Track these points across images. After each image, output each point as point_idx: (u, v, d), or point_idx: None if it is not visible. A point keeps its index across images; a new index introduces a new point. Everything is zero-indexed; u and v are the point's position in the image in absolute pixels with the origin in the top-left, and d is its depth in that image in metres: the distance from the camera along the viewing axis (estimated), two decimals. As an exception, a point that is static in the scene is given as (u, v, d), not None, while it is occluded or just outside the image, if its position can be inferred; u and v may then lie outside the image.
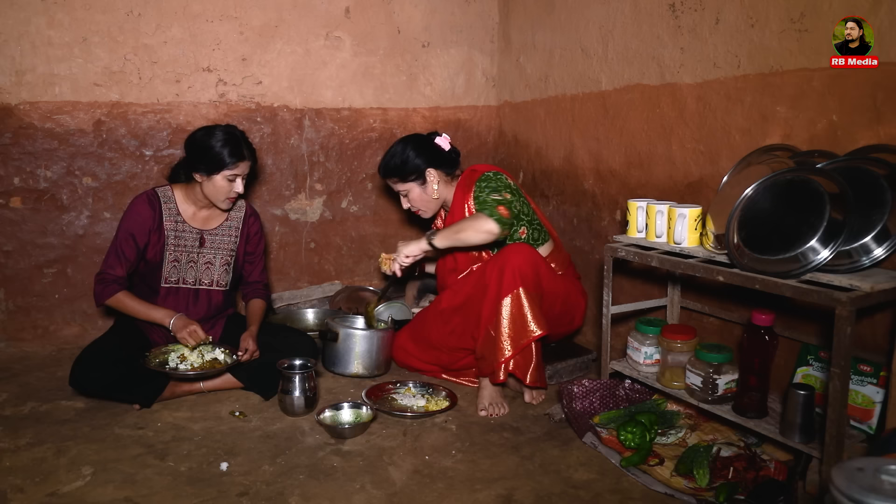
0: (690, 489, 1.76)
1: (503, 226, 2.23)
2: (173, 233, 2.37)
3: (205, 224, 2.44)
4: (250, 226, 2.53)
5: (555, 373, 2.54)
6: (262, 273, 2.59)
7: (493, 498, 1.73)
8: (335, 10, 3.14)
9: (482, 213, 2.24)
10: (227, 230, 2.47)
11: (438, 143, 2.53)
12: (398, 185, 2.53)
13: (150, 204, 2.35)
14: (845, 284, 1.56)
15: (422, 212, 2.58)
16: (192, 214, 2.42)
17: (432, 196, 2.52)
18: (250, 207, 2.56)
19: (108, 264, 2.30)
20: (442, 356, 2.52)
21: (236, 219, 2.50)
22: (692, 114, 2.27)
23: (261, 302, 2.53)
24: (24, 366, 2.66)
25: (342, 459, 1.92)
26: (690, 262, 1.89)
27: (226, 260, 2.46)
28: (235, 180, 2.32)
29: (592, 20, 2.72)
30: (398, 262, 2.38)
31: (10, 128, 2.73)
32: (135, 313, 2.30)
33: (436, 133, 2.57)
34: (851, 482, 0.97)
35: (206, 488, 1.75)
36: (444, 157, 2.52)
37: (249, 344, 2.33)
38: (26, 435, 2.05)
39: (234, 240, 2.48)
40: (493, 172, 2.43)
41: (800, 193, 1.68)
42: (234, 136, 2.30)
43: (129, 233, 2.30)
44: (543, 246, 2.46)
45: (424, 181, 2.50)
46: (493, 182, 2.38)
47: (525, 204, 2.44)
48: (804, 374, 1.92)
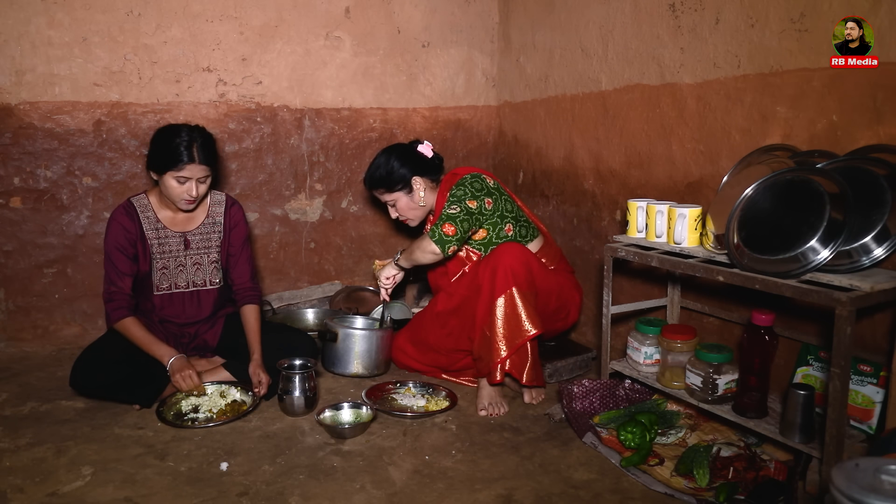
0: (690, 489, 1.76)
1: (445, 245, 2.27)
2: (156, 241, 2.34)
3: (186, 226, 2.40)
4: (232, 216, 2.45)
5: (554, 371, 2.54)
6: (246, 271, 2.47)
7: (493, 498, 1.73)
8: (335, 10, 3.14)
9: (426, 235, 2.31)
10: (209, 227, 2.42)
11: (421, 150, 2.55)
12: (385, 195, 2.55)
13: (129, 215, 2.31)
14: (845, 284, 1.56)
15: (409, 220, 2.60)
16: (171, 218, 2.37)
17: (419, 204, 2.54)
18: (230, 199, 2.48)
19: (109, 281, 2.29)
20: (440, 358, 2.53)
21: (217, 213, 2.44)
22: (692, 114, 2.27)
23: (253, 309, 2.42)
24: (24, 366, 2.66)
25: (342, 459, 1.92)
26: (690, 262, 1.89)
27: (213, 258, 2.43)
28: (186, 183, 2.22)
29: (592, 20, 2.72)
30: (382, 287, 2.54)
31: (10, 128, 2.73)
32: (138, 344, 2.26)
33: (417, 141, 2.60)
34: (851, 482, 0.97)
35: (206, 488, 1.75)
36: (428, 164, 2.54)
37: (261, 376, 2.27)
38: (26, 435, 2.05)
39: (219, 235, 2.44)
40: (470, 175, 2.42)
41: (800, 193, 1.68)
42: (189, 137, 2.20)
43: (115, 247, 2.28)
44: (533, 242, 2.47)
45: (411, 190, 2.52)
46: (463, 189, 2.37)
47: (508, 202, 2.44)
48: (804, 374, 1.92)
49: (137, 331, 2.27)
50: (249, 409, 2.21)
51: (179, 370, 2.22)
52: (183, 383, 2.20)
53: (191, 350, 2.46)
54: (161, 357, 2.25)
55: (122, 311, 2.27)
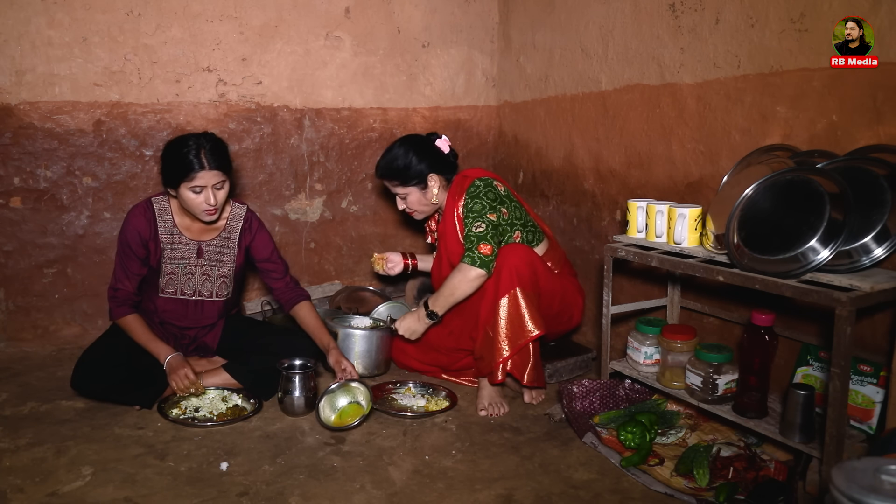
0: (690, 489, 1.76)
1: (488, 265, 2.23)
2: (169, 245, 2.33)
3: (202, 235, 2.37)
4: (255, 231, 2.43)
5: (554, 371, 2.54)
6: (286, 272, 2.47)
7: (493, 498, 1.73)
8: (335, 10, 3.14)
9: (465, 263, 2.24)
10: (225, 241, 2.39)
11: (439, 145, 2.50)
12: (398, 188, 2.49)
13: (145, 215, 2.30)
14: (845, 284, 1.56)
15: (416, 213, 2.56)
16: (188, 226, 2.35)
17: (430, 201, 2.49)
18: (249, 212, 2.45)
19: (116, 278, 2.30)
20: (441, 357, 2.52)
21: (234, 229, 2.40)
22: (692, 114, 2.27)
23: (308, 306, 2.42)
24: (24, 366, 2.66)
25: (342, 459, 1.92)
26: (690, 262, 1.89)
27: (223, 273, 2.40)
28: (202, 192, 2.18)
29: (592, 20, 2.72)
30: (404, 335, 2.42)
31: (10, 128, 2.73)
32: (137, 340, 2.27)
33: (435, 134, 2.54)
34: (851, 482, 0.97)
35: (206, 488, 1.75)
36: (445, 160, 2.50)
37: (344, 363, 2.26)
38: (26, 435, 2.05)
39: (233, 251, 2.40)
40: (481, 182, 2.36)
41: (800, 193, 1.68)
42: (196, 144, 2.16)
43: (126, 245, 2.28)
44: (539, 246, 2.46)
45: (425, 186, 2.47)
46: (480, 202, 2.31)
47: (517, 208, 2.41)
48: (804, 374, 1.92)
49: (138, 327, 2.27)
50: (250, 413, 2.20)
51: (175, 370, 2.21)
52: (179, 383, 2.19)
53: (191, 352, 2.46)
54: (158, 355, 2.25)
55: (125, 308, 2.28)
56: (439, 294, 2.30)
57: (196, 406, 2.22)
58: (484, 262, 2.22)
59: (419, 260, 2.80)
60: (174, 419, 2.13)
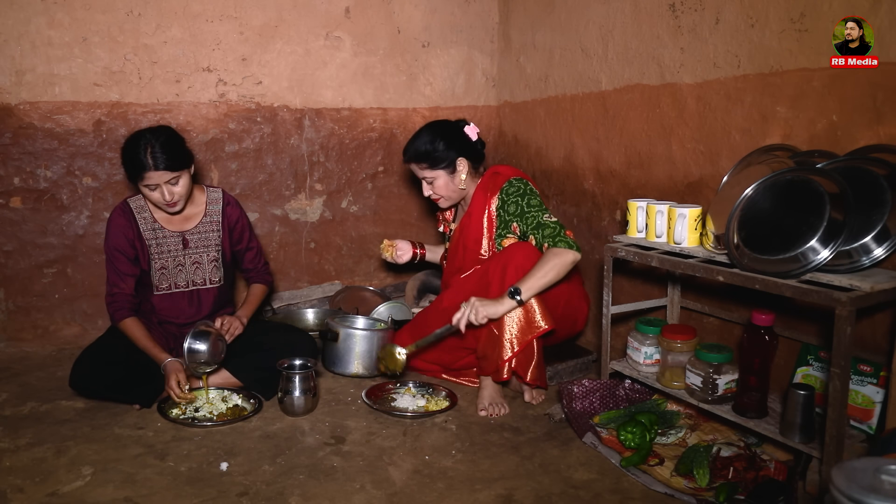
0: (690, 489, 1.76)
1: (577, 245, 2.21)
2: (154, 241, 2.34)
3: (183, 225, 2.40)
4: (229, 216, 2.46)
5: (555, 374, 2.54)
6: (256, 257, 2.56)
7: (493, 498, 1.73)
8: (335, 10, 3.14)
9: (559, 248, 2.18)
10: (207, 226, 2.43)
11: (467, 132, 2.49)
12: (426, 171, 2.45)
13: (125, 216, 2.32)
14: (845, 284, 1.56)
15: (442, 199, 2.52)
16: (169, 219, 2.37)
17: (458, 186, 2.47)
18: (227, 196, 2.49)
19: (111, 283, 2.31)
20: (443, 355, 2.52)
21: (215, 212, 2.44)
22: (692, 114, 2.27)
23: (261, 287, 2.54)
24: (24, 366, 2.66)
25: (342, 459, 1.92)
26: (690, 262, 1.89)
27: (213, 256, 2.43)
28: (157, 189, 2.20)
29: (592, 20, 2.72)
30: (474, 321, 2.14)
31: (10, 128, 2.73)
32: (137, 345, 2.27)
33: (464, 121, 2.52)
34: (851, 482, 0.97)
35: (206, 488, 1.75)
36: (473, 147, 2.48)
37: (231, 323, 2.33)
38: (26, 435, 2.05)
39: (217, 234, 2.44)
40: (521, 182, 2.37)
41: (800, 193, 1.68)
42: (145, 143, 2.16)
43: (113, 248, 2.30)
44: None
45: (454, 170, 2.44)
46: (533, 196, 2.33)
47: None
48: (804, 374, 1.92)
49: (137, 332, 2.28)
50: (250, 413, 2.20)
51: (170, 375, 2.20)
52: (176, 389, 2.18)
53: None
54: (155, 358, 2.26)
55: (124, 312, 2.29)
56: (528, 277, 2.14)
57: (196, 406, 2.22)
58: (572, 244, 2.21)
59: (427, 250, 2.81)
60: (174, 419, 2.14)
